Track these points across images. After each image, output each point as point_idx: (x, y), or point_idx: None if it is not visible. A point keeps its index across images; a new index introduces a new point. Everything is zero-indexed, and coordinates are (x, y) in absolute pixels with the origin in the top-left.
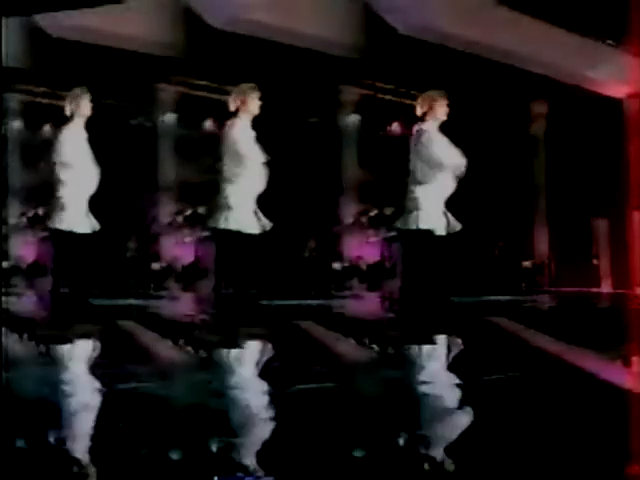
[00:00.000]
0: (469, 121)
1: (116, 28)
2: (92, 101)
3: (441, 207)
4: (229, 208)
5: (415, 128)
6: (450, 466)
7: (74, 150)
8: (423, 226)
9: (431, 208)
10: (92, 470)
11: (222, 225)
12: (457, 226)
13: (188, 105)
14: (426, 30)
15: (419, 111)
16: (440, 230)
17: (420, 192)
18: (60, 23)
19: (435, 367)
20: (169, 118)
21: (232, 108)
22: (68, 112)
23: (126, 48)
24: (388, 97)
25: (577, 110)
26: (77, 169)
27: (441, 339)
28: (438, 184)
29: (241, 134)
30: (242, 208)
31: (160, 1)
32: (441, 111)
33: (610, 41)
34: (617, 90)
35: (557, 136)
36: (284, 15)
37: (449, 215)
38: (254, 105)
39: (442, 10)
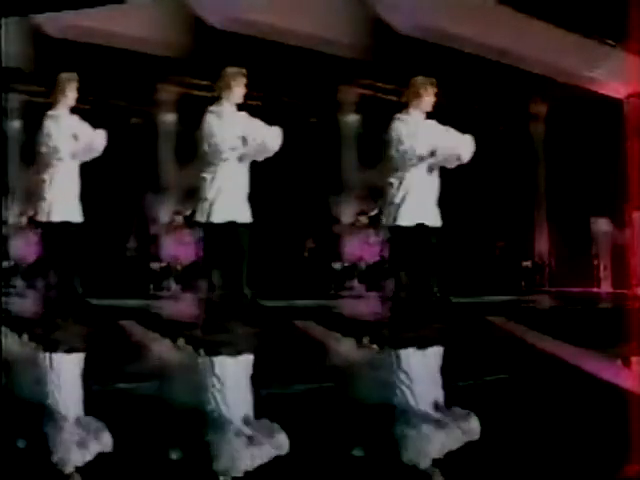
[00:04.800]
0: (469, 120)
1: (116, 28)
2: (92, 101)
3: (427, 201)
4: (209, 201)
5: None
6: (450, 466)
7: (59, 137)
8: (403, 222)
9: (413, 202)
10: (91, 470)
11: (204, 219)
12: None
13: (188, 105)
14: (426, 30)
15: (404, 98)
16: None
17: (398, 186)
18: (60, 23)
19: (435, 367)
20: (169, 118)
21: (216, 93)
22: (53, 98)
23: (126, 48)
24: (388, 97)
25: (577, 110)
26: (63, 157)
27: (441, 339)
28: (417, 177)
29: (220, 124)
30: (224, 200)
31: (160, 1)
32: (428, 100)
33: (610, 41)
34: (617, 90)
35: (557, 136)
36: (284, 15)
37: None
38: (239, 91)
39: (442, 10)
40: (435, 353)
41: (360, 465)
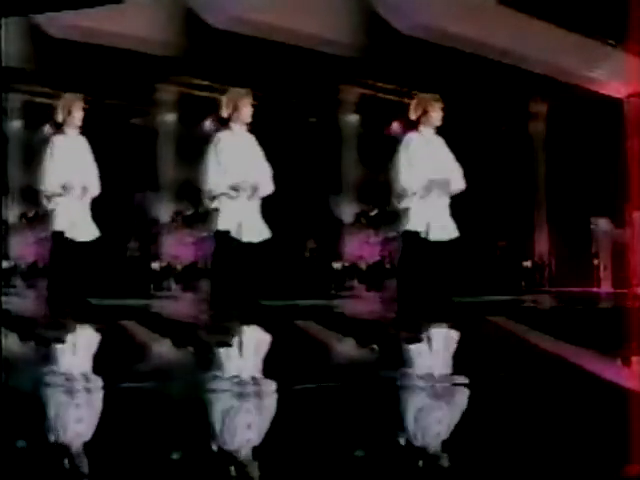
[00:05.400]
0: (469, 120)
1: (116, 28)
2: (92, 101)
3: (435, 212)
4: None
5: (406, 134)
6: (450, 466)
7: (68, 157)
8: (412, 228)
9: (421, 212)
10: (92, 470)
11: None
12: (452, 232)
13: (188, 105)
14: (426, 29)
15: (413, 115)
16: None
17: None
18: (60, 23)
19: (435, 367)
20: (169, 118)
21: (224, 115)
22: (60, 119)
23: (126, 48)
24: (388, 97)
25: (577, 110)
26: (72, 176)
27: (441, 338)
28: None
29: (232, 146)
30: (235, 217)
31: (160, 1)
32: (436, 116)
33: (610, 41)
34: (617, 90)
35: (557, 136)
36: (284, 15)
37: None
38: (247, 112)
39: (442, 10)
40: (435, 353)
41: (360, 465)
